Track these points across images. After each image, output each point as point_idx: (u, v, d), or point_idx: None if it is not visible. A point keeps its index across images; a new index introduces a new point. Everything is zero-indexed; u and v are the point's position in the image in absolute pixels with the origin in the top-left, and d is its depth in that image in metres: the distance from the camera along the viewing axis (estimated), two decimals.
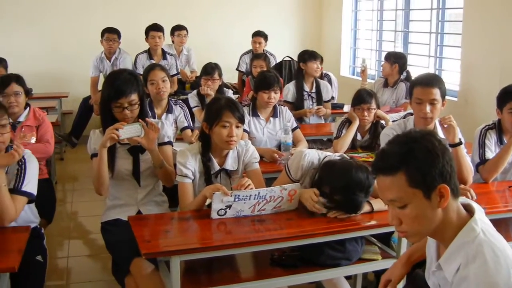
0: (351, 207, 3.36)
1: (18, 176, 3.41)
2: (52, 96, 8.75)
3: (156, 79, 5.08)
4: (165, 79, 5.12)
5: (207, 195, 3.41)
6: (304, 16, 10.70)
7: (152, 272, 3.32)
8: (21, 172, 3.43)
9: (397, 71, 7.04)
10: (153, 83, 5.08)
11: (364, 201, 3.37)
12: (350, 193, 3.30)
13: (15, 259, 2.89)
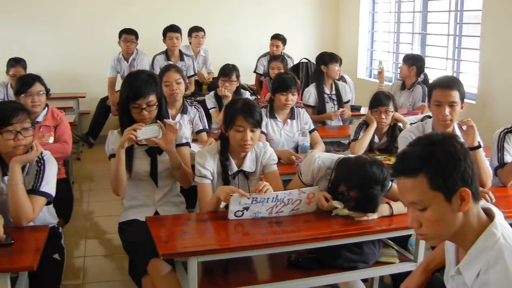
0: (368, 202, 3.33)
1: (37, 176, 3.45)
2: (69, 97, 8.80)
3: (170, 80, 5.07)
4: (179, 81, 5.10)
5: (220, 197, 3.40)
6: (321, 18, 10.68)
7: (169, 272, 3.33)
8: (40, 173, 3.46)
9: (415, 73, 7.00)
10: (167, 85, 5.07)
11: (381, 195, 3.35)
12: (365, 187, 3.29)
13: (34, 258, 2.91)
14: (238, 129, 3.60)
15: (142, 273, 3.40)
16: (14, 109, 3.40)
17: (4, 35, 9.22)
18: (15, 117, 3.34)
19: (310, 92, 6.66)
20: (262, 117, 3.73)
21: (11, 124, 3.33)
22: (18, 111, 3.39)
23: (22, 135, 3.35)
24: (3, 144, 3.35)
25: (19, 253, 2.97)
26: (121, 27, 8.46)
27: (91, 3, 9.53)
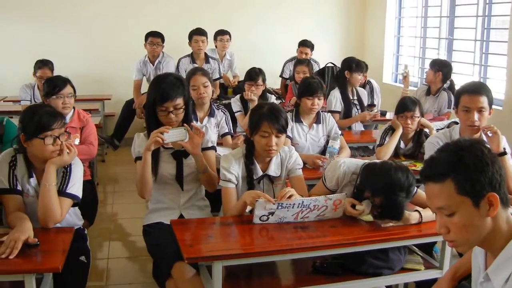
0: (393, 209, 3.30)
1: (64, 178, 3.47)
2: (95, 98, 8.85)
3: (197, 84, 5.06)
4: (206, 84, 5.10)
5: (247, 201, 3.40)
6: (347, 22, 10.64)
7: (193, 276, 3.32)
8: (67, 175, 3.49)
9: (440, 79, 6.92)
10: (195, 89, 5.07)
11: (406, 202, 3.31)
12: (390, 194, 3.26)
13: (59, 259, 2.91)
14: (263, 134, 3.60)
15: (166, 276, 3.39)
16: (53, 115, 3.43)
17: (32, 37, 9.34)
18: (55, 122, 3.38)
19: (335, 97, 6.62)
20: (287, 122, 3.72)
21: (52, 129, 3.36)
22: (57, 116, 3.43)
23: (60, 140, 3.39)
24: (41, 148, 3.37)
25: (44, 255, 2.98)
26: (147, 30, 8.48)
27: (117, 7, 9.59)
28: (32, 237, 3.05)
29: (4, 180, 3.43)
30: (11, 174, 3.45)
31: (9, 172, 3.46)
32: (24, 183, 3.51)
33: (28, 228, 3.11)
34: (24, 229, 3.06)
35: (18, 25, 9.34)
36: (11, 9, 9.32)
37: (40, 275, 3.07)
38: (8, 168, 3.47)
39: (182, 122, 3.70)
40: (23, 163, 3.51)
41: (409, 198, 3.35)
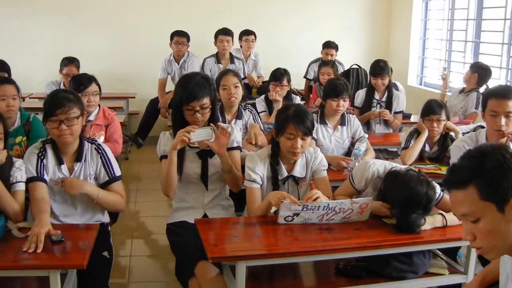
0: (406, 223, 3.28)
1: (106, 165, 3.67)
2: (120, 97, 8.90)
3: (228, 84, 5.00)
4: (237, 85, 5.04)
5: (272, 202, 3.40)
6: (372, 24, 10.60)
7: (216, 276, 3.32)
8: (107, 161, 3.68)
9: (476, 81, 6.84)
10: (225, 89, 5.01)
11: (420, 218, 3.28)
12: (407, 208, 3.26)
13: (84, 256, 2.94)
14: (288, 136, 3.60)
15: (189, 275, 3.40)
16: (59, 100, 3.53)
17: (58, 35, 9.41)
18: (59, 108, 3.47)
19: (359, 94, 6.68)
20: (313, 124, 3.71)
21: (55, 115, 3.46)
22: (63, 102, 3.51)
23: (65, 125, 3.45)
24: (50, 131, 3.54)
25: (69, 251, 3.00)
26: (172, 29, 8.52)
27: (144, 6, 9.63)
28: (52, 229, 3.09)
29: (32, 168, 3.52)
30: (39, 164, 3.54)
31: (37, 162, 3.55)
32: (55, 172, 3.61)
33: (46, 221, 3.16)
34: (42, 223, 3.11)
35: (44, 23, 9.43)
36: (38, 7, 9.40)
37: (64, 271, 3.09)
38: (37, 158, 3.56)
39: (208, 122, 3.70)
40: (53, 152, 3.61)
41: (426, 214, 3.31)
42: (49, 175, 3.59)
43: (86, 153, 3.66)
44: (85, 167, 3.64)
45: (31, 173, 3.50)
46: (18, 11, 9.38)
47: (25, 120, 4.75)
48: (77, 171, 3.64)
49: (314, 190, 3.42)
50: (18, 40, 9.36)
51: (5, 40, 9.30)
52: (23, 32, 9.38)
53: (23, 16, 9.38)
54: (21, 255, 2.96)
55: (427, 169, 4.64)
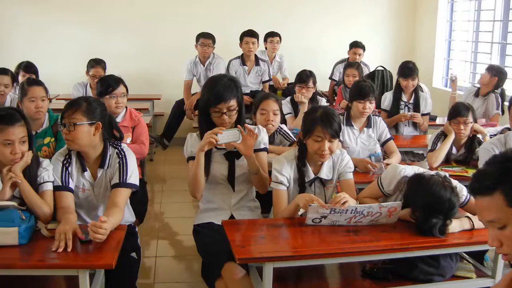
0: (427, 228, 3.27)
1: (121, 170, 3.59)
2: (145, 98, 8.96)
3: (268, 109, 4.79)
4: (277, 112, 4.86)
5: (300, 204, 3.41)
6: (397, 26, 10.55)
7: (243, 277, 3.32)
8: (123, 166, 3.60)
9: (494, 84, 6.85)
10: (264, 113, 4.83)
11: (440, 223, 3.26)
12: (428, 213, 3.25)
13: (112, 256, 2.96)
14: (316, 138, 3.60)
15: (216, 276, 3.40)
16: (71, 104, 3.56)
17: (85, 36, 9.51)
18: (65, 112, 3.52)
19: (386, 97, 6.66)
20: (340, 127, 3.70)
21: (62, 118, 3.52)
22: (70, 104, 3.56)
23: (67, 130, 3.48)
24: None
25: (98, 251, 3.02)
26: (198, 31, 8.55)
27: (169, 8, 9.69)
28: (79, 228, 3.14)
29: (57, 177, 3.55)
30: (63, 172, 3.57)
31: (62, 170, 3.58)
32: (79, 179, 3.63)
33: (73, 220, 3.22)
34: (68, 222, 3.17)
35: (71, 25, 9.53)
36: (65, 9, 9.50)
37: (92, 271, 3.11)
38: (62, 166, 3.59)
39: (235, 124, 3.70)
40: (77, 158, 3.64)
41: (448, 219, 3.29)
42: (74, 181, 3.63)
43: (110, 159, 3.66)
44: (107, 174, 3.66)
45: (57, 182, 3.54)
46: (45, 13, 9.50)
47: (53, 121, 4.79)
48: (100, 177, 3.66)
49: (342, 193, 3.40)
50: (45, 42, 9.47)
51: (33, 41, 9.42)
52: (50, 34, 9.50)
53: (50, 18, 9.51)
54: (50, 255, 3.00)
55: (453, 172, 4.62)
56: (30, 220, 3.19)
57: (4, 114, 3.39)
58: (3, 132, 3.33)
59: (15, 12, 9.46)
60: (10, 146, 3.35)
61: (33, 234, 3.18)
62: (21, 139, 3.39)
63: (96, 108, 3.62)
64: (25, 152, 3.42)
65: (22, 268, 2.94)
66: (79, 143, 3.52)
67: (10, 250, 3.01)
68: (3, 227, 3.03)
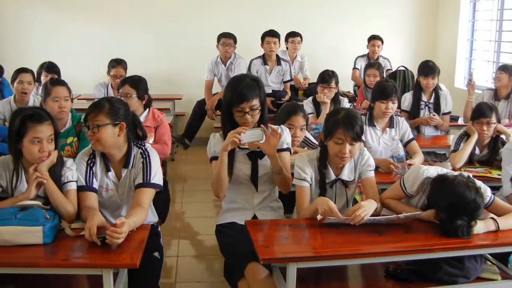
0: (451, 229, 3.24)
1: (145, 170, 3.60)
2: (166, 98, 8.98)
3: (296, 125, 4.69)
4: (304, 127, 4.79)
5: (319, 210, 3.39)
6: (419, 25, 10.50)
7: (266, 277, 3.32)
8: (147, 166, 3.61)
9: None
10: (291, 129, 4.65)
11: (465, 224, 3.22)
12: (453, 214, 3.22)
13: (136, 256, 2.97)
14: (337, 141, 3.59)
15: (239, 276, 3.40)
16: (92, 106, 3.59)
17: (106, 37, 9.59)
18: (89, 114, 3.53)
19: (406, 97, 6.61)
20: (362, 130, 3.67)
21: (86, 120, 3.53)
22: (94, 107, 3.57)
23: (92, 132, 3.49)
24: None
25: (122, 250, 3.03)
26: (219, 31, 8.56)
27: (190, 8, 9.73)
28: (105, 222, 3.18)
29: (81, 177, 3.57)
30: (87, 172, 3.59)
31: (86, 170, 3.59)
32: (103, 178, 3.65)
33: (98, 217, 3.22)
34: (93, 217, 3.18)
35: (92, 25, 9.61)
36: (85, 10, 9.57)
37: (116, 270, 3.12)
38: (86, 166, 3.61)
39: (258, 123, 3.70)
40: (101, 158, 3.65)
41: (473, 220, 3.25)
42: (98, 181, 3.65)
43: (134, 159, 3.67)
44: (131, 174, 3.67)
45: (81, 181, 3.56)
46: (66, 14, 9.57)
47: (76, 121, 4.82)
48: (124, 177, 3.68)
49: (361, 208, 3.34)
50: (66, 42, 9.55)
51: (54, 42, 9.51)
52: (71, 34, 9.58)
53: (71, 19, 9.59)
54: (75, 254, 3.05)
55: (477, 172, 4.59)
56: (54, 219, 3.21)
57: (32, 113, 3.44)
58: (32, 130, 3.38)
59: (37, 12, 9.55)
60: (39, 144, 3.40)
61: (57, 233, 3.20)
62: (49, 137, 3.44)
63: (119, 109, 3.63)
64: (51, 151, 3.45)
65: (47, 267, 2.96)
66: (104, 144, 3.53)
67: (34, 248, 3.03)
68: (28, 226, 3.06)
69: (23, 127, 3.39)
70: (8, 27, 9.60)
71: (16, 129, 3.41)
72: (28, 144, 3.39)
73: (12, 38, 9.61)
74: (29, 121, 3.39)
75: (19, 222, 3.07)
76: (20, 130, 3.40)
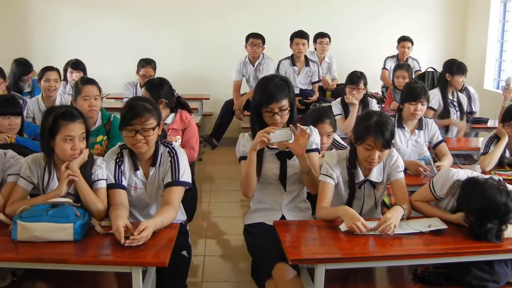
0: (481, 233, 3.21)
1: (173, 168, 3.63)
2: (194, 98, 8.97)
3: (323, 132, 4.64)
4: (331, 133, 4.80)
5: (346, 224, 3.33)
6: (447, 26, 10.42)
7: (294, 278, 3.31)
8: (175, 164, 3.64)
9: None
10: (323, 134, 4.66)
11: (495, 228, 3.19)
12: (483, 218, 3.19)
13: (165, 254, 2.99)
14: (367, 147, 3.58)
15: (266, 276, 3.40)
16: (137, 110, 3.56)
17: (135, 36, 9.66)
18: (135, 118, 3.51)
19: (434, 95, 6.54)
20: (393, 136, 3.65)
21: (131, 124, 3.50)
22: (140, 112, 3.54)
23: (140, 135, 3.50)
24: (125, 139, 3.59)
25: (151, 249, 3.05)
26: (247, 31, 8.57)
27: (217, 8, 9.76)
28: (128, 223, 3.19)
29: (111, 175, 3.60)
30: (117, 170, 3.62)
31: (115, 168, 3.62)
32: (131, 177, 3.68)
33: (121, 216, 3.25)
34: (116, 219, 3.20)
35: (121, 25, 9.70)
36: (115, 9, 9.66)
37: (144, 268, 3.13)
38: (115, 164, 3.64)
39: (287, 123, 3.69)
40: (129, 157, 3.68)
41: (504, 224, 3.22)
42: (127, 180, 3.67)
43: (161, 157, 3.70)
44: (159, 172, 3.69)
45: (110, 179, 3.60)
46: (96, 13, 9.67)
47: (106, 120, 4.85)
48: (152, 176, 3.70)
49: (388, 220, 3.30)
50: (95, 41, 9.65)
51: (83, 41, 9.62)
52: (100, 34, 9.69)
53: (99, 17, 9.70)
54: (104, 251, 3.08)
55: (507, 176, 4.53)
56: (85, 216, 3.25)
57: (65, 111, 3.48)
58: (65, 128, 3.42)
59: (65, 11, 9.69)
60: (71, 142, 3.44)
61: (87, 231, 3.24)
62: (80, 135, 3.47)
63: (157, 109, 3.71)
64: (83, 149, 3.49)
65: (77, 263, 3.00)
66: (150, 145, 3.60)
67: (65, 245, 3.07)
68: (59, 223, 3.10)
69: (56, 125, 3.43)
70: (35, 26, 9.77)
71: (48, 127, 3.45)
72: (61, 142, 3.43)
73: (38, 37, 9.77)
74: (61, 119, 3.43)
75: (50, 219, 3.11)
76: (53, 128, 3.43)
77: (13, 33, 9.72)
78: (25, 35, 9.79)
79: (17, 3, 9.72)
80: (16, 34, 9.74)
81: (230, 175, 7.75)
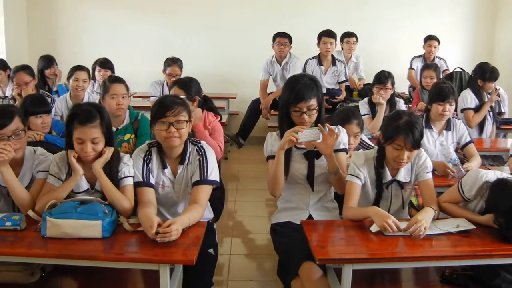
0: (510, 235, 3.17)
1: (202, 167, 3.63)
2: (221, 97, 9.04)
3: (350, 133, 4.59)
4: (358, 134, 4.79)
5: (377, 224, 3.31)
6: (476, 25, 10.31)
7: (321, 277, 3.31)
8: (204, 162, 3.65)
9: None
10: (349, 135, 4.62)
11: None
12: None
13: (193, 252, 3.00)
14: (396, 147, 3.56)
15: (293, 275, 3.40)
16: (169, 103, 3.59)
17: (161, 35, 9.73)
18: (169, 110, 3.54)
19: (470, 95, 6.57)
20: (422, 136, 3.62)
21: (165, 116, 3.52)
22: (172, 105, 3.57)
23: (174, 127, 3.52)
24: (157, 133, 3.59)
25: (178, 246, 3.06)
26: (274, 30, 8.58)
27: (245, 7, 9.78)
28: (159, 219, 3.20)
29: (139, 173, 3.61)
30: (145, 168, 3.63)
31: (143, 166, 3.64)
32: (159, 175, 3.69)
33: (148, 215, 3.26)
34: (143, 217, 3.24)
35: (148, 24, 9.77)
36: (142, 8, 9.71)
37: (171, 265, 3.15)
38: (143, 162, 3.65)
39: (315, 123, 3.69)
40: (157, 155, 3.69)
41: None
42: (154, 178, 3.68)
43: (190, 155, 3.71)
44: (187, 170, 3.70)
45: (138, 177, 3.61)
46: (123, 13, 9.75)
47: (133, 118, 4.87)
48: (180, 174, 3.71)
49: (418, 222, 3.26)
50: (123, 40, 9.74)
51: (111, 40, 9.70)
52: (127, 33, 9.78)
53: (127, 18, 9.77)
54: (132, 248, 3.12)
55: None
56: (113, 214, 3.27)
57: (80, 113, 3.50)
58: (76, 130, 3.47)
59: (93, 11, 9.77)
60: (82, 144, 3.46)
61: (116, 228, 3.26)
62: (93, 139, 3.47)
63: (188, 105, 3.73)
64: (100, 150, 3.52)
65: (105, 260, 3.02)
66: (183, 140, 3.62)
67: (93, 242, 3.10)
68: (88, 220, 3.13)
69: (71, 125, 3.48)
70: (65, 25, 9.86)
71: (67, 125, 3.52)
72: (74, 141, 3.48)
73: (67, 36, 9.87)
74: (75, 120, 3.46)
75: (79, 216, 3.14)
76: (69, 127, 3.50)
77: (43, 33, 9.84)
78: (53, 35, 9.90)
79: (47, 3, 9.83)
80: (46, 34, 9.86)
81: (256, 174, 7.75)
